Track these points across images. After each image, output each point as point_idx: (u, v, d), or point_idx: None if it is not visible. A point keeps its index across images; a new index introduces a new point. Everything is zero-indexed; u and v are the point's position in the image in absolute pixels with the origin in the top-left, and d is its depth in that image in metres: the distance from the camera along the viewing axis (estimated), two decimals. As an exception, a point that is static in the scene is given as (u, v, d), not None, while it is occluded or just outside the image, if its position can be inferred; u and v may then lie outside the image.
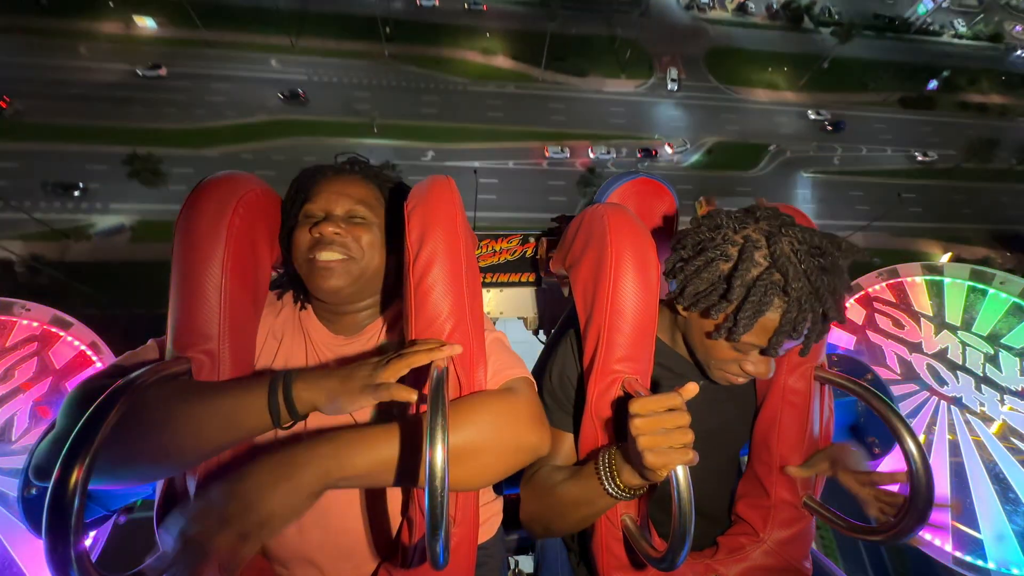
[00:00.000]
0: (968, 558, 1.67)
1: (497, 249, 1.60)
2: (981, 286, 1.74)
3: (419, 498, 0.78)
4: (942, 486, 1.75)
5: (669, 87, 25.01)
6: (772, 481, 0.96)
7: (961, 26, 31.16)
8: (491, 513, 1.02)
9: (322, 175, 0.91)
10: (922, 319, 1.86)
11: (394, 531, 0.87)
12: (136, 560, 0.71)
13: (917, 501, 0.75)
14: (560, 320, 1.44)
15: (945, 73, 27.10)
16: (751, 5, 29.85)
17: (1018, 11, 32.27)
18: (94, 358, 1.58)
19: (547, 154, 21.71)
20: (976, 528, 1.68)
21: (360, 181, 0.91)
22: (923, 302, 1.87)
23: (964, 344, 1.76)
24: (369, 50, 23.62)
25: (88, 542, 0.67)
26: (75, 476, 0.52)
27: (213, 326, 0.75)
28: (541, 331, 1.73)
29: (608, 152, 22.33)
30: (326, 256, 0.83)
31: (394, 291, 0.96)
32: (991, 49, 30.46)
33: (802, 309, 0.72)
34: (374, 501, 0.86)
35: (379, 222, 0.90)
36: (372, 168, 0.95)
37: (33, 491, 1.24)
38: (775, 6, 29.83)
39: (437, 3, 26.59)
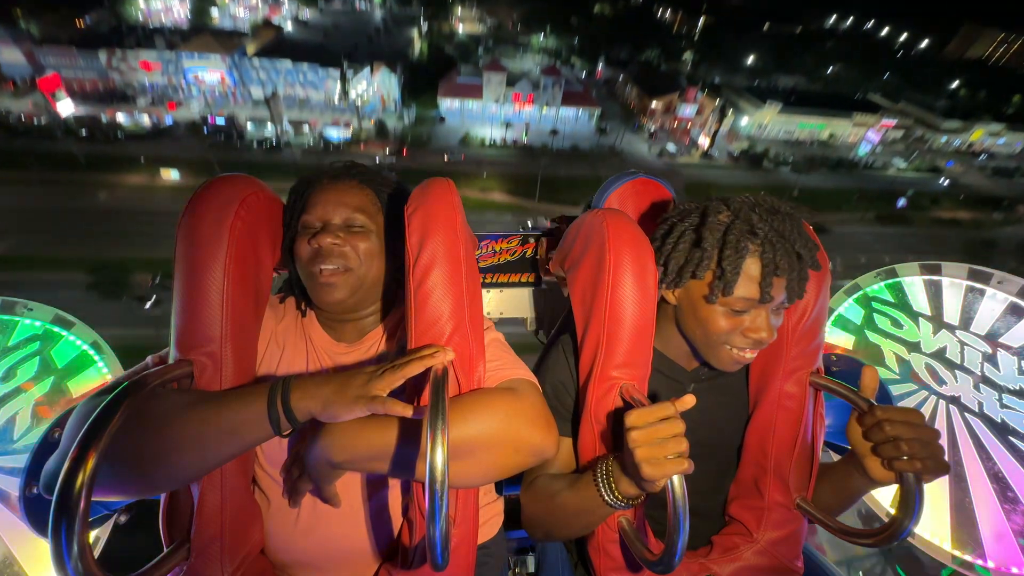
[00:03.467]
0: (968, 557, 1.67)
1: (497, 249, 1.60)
2: (979, 286, 1.73)
3: (419, 498, 0.78)
4: (941, 485, 1.75)
5: (658, 211, 28.80)
6: (766, 483, 0.97)
7: (902, 162, 37.70)
8: (492, 513, 1.03)
9: (318, 183, 0.91)
10: (920, 319, 1.86)
11: (395, 532, 0.87)
12: (138, 560, 0.71)
13: (908, 504, 0.76)
14: (558, 324, 1.44)
15: (910, 192, 32.48)
16: (715, 152, 36.12)
17: (943, 153, 39.49)
18: (96, 357, 1.58)
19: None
20: (975, 527, 1.68)
21: (357, 187, 0.91)
22: (921, 301, 1.87)
23: (962, 343, 1.76)
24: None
25: (89, 541, 0.68)
26: (82, 475, 0.53)
27: (215, 328, 0.75)
28: (540, 332, 1.74)
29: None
30: (326, 267, 0.84)
31: (395, 297, 0.96)
32: (933, 178, 36.62)
33: (775, 247, 0.79)
34: (375, 504, 0.87)
35: (377, 229, 0.90)
36: (369, 172, 0.95)
37: (34, 490, 1.24)
38: (735, 153, 36.21)
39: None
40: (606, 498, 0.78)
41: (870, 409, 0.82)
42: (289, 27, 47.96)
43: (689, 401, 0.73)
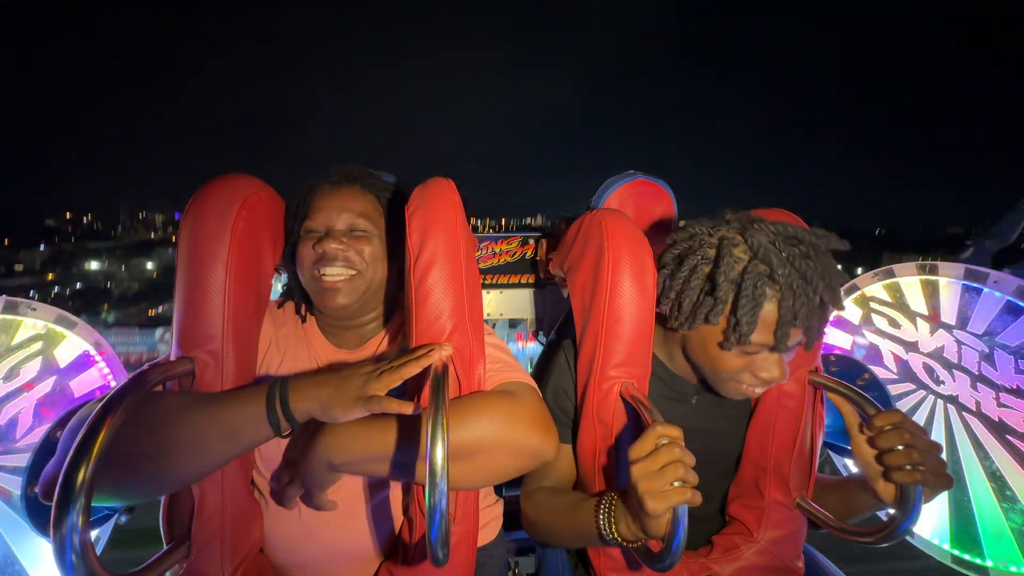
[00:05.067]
0: (966, 556, 1.67)
1: (497, 251, 1.60)
2: (976, 285, 1.74)
3: (419, 497, 0.79)
4: (939, 485, 1.74)
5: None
6: (766, 483, 0.97)
7: None
8: (492, 516, 1.03)
9: (321, 188, 0.91)
10: (918, 318, 1.87)
11: (395, 532, 0.88)
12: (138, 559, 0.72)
13: (907, 503, 0.76)
14: (558, 325, 1.45)
15: None
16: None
17: None
18: (97, 357, 1.58)
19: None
20: (974, 526, 1.68)
21: (359, 192, 0.91)
22: (919, 301, 1.87)
23: (960, 343, 1.77)
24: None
25: (91, 538, 0.68)
26: (83, 471, 0.53)
27: (217, 326, 0.76)
28: (540, 332, 1.74)
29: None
30: (331, 272, 0.84)
31: (396, 302, 0.97)
32: None
33: (796, 295, 0.72)
34: (375, 503, 0.87)
35: (380, 233, 0.91)
36: (370, 177, 0.95)
37: (36, 490, 1.24)
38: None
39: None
40: (604, 534, 0.77)
41: (877, 413, 0.80)
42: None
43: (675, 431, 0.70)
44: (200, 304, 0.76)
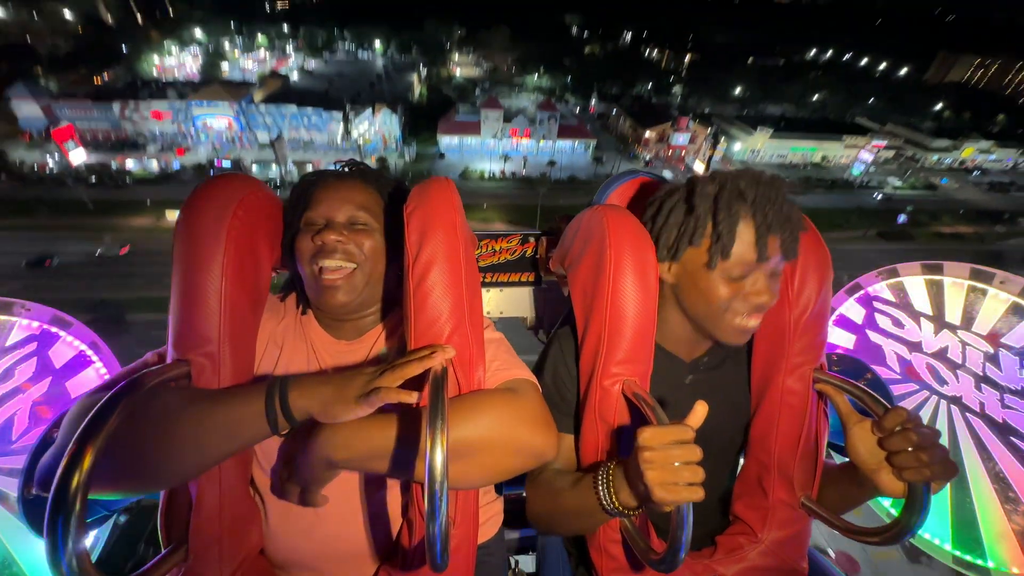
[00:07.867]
0: (968, 557, 1.67)
1: (497, 249, 1.60)
2: (981, 285, 1.73)
3: (419, 500, 0.78)
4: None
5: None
6: (770, 482, 0.96)
7: (897, 181, 38.22)
8: (492, 513, 1.02)
9: (323, 180, 0.91)
10: (922, 318, 1.86)
11: (394, 533, 0.87)
12: (136, 560, 0.71)
13: (913, 503, 0.75)
14: (558, 322, 1.44)
15: (909, 208, 33.13)
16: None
17: (936, 171, 40.82)
18: (94, 358, 1.58)
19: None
20: (976, 527, 1.67)
21: (361, 186, 0.91)
22: (923, 301, 1.86)
23: (964, 343, 1.76)
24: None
25: (88, 542, 0.68)
26: (78, 477, 0.52)
27: (213, 329, 0.75)
28: (540, 331, 1.73)
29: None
30: (330, 264, 0.83)
31: (395, 296, 0.96)
32: (931, 196, 37.30)
33: (765, 207, 0.80)
34: (374, 505, 0.86)
35: (380, 227, 0.90)
36: (372, 172, 0.95)
37: (33, 491, 1.24)
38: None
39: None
40: (605, 505, 0.77)
41: (885, 415, 0.79)
42: (295, 77, 49.28)
43: (702, 413, 0.71)
44: (196, 306, 0.75)
